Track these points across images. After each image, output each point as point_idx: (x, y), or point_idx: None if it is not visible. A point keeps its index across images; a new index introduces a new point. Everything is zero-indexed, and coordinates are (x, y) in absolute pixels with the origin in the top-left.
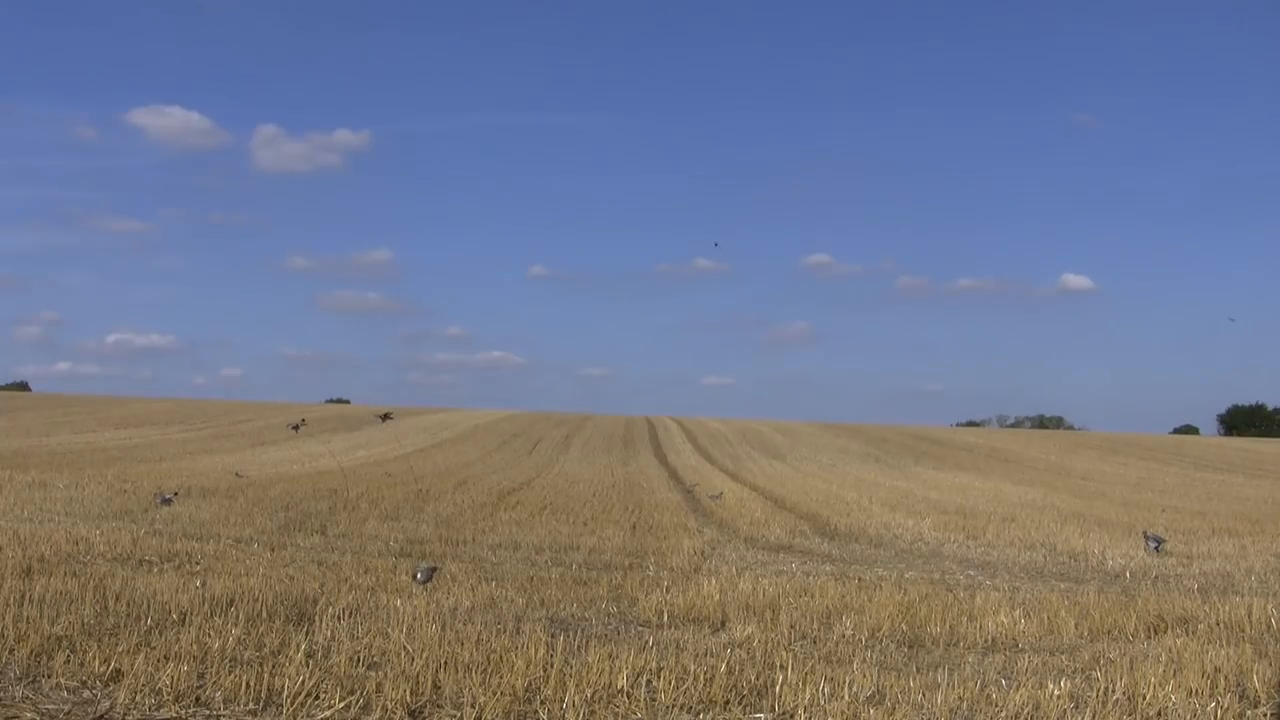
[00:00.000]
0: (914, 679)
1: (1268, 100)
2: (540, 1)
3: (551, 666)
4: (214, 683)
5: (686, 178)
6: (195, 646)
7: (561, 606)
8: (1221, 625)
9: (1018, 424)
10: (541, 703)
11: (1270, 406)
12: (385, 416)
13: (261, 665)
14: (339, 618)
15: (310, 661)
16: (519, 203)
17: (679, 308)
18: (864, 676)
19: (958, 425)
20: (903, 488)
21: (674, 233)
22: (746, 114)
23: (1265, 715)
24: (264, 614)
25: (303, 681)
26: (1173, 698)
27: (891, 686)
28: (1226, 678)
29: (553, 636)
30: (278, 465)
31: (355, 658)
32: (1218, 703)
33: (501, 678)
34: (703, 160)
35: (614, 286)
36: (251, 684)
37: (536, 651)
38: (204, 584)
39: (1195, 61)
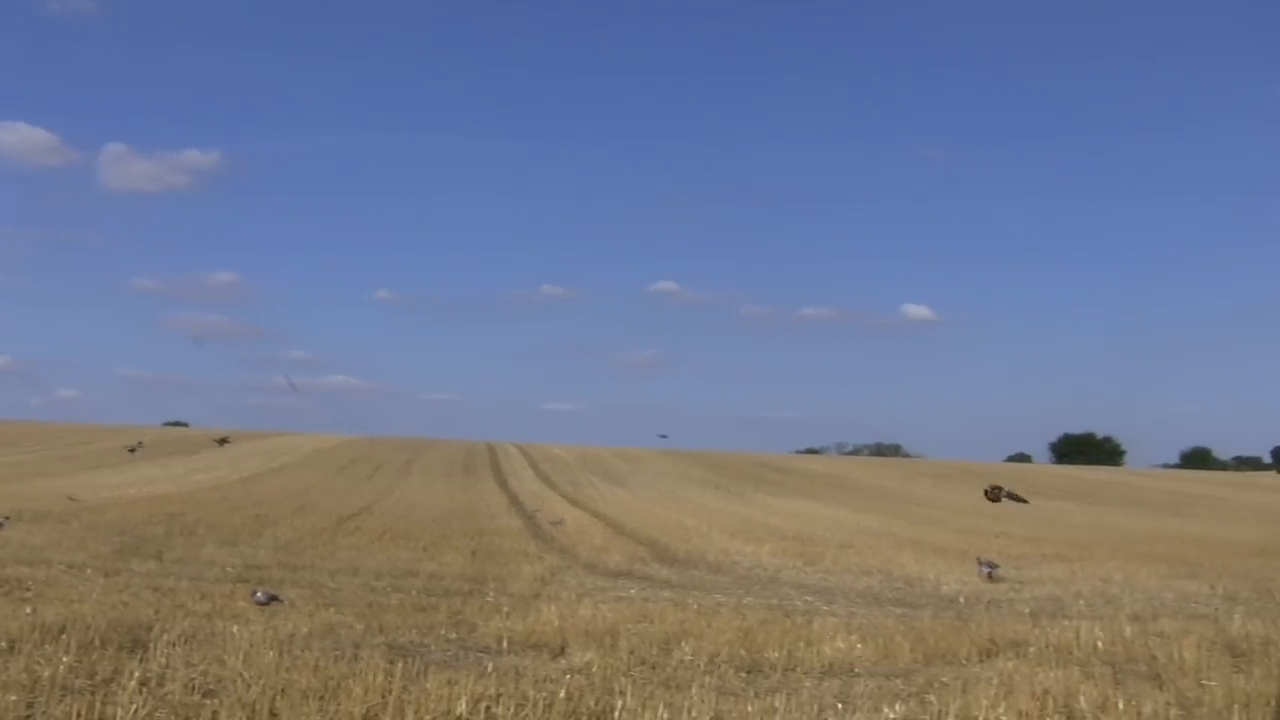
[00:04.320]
0: (752, 704)
1: (1103, 138)
2: (388, 22)
3: (390, 693)
4: (44, 712)
5: (534, 203)
6: (24, 675)
7: (401, 632)
8: (1051, 648)
9: (856, 451)
10: None
11: (1100, 435)
12: (222, 441)
13: (93, 694)
14: (174, 645)
15: (144, 690)
16: (367, 225)
17: (525, 333)
18: (702, 702)
19: (799, 452)
20: (743, 514)
21: (521, 258)
22: (594, 141)
23: None
24: (97, 641)
25: (136, 710)
26: (1004, 719)
27: (730, 711)
28: (1055, 699)
29: (391, 663)
30: (114, 489)
31: (191, 685)
32: None
33: (340, 705)
34: (550, 185)
35: (460, 311)
36: (83, 713)
37: (375, 678)
38: (34, 611)
39: (1039, 98)
